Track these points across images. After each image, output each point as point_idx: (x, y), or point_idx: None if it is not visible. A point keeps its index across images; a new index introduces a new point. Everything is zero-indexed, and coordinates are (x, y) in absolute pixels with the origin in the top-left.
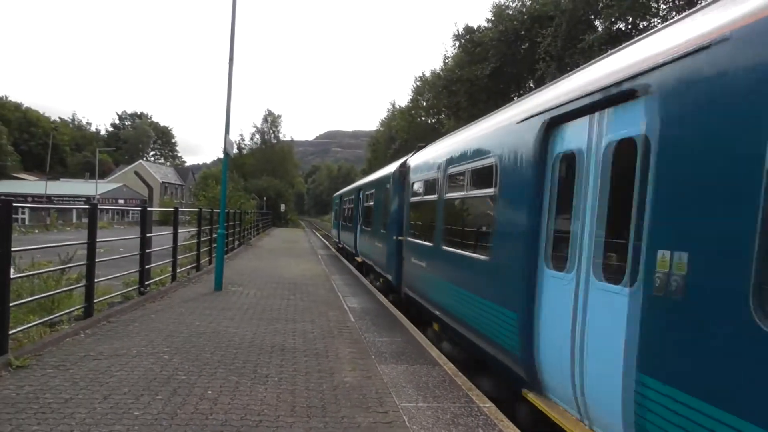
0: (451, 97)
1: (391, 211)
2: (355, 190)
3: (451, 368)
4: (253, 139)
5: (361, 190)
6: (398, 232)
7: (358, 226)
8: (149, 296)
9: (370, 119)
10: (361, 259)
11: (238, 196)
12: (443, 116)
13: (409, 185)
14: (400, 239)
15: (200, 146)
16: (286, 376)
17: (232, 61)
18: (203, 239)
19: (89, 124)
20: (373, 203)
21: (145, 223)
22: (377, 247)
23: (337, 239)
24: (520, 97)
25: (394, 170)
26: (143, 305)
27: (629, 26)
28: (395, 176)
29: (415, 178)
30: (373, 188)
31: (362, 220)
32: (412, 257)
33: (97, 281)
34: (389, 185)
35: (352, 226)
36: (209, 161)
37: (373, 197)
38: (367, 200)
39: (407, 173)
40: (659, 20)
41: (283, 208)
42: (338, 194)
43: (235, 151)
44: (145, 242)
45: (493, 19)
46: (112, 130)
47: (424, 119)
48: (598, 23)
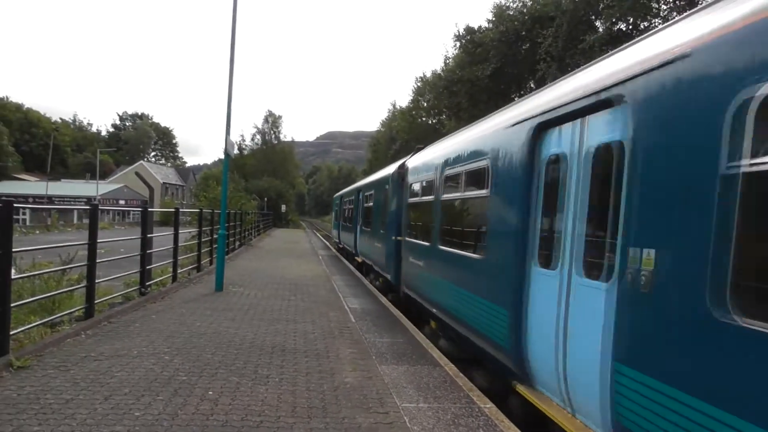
0: (451, 97)
1: (390, 211)
2: (354, 191)
3: (452, 369)
4: (253, 139)
5: (360, 191)
6: (397, 232)
7: (358, 226)
8: (150, 297)
9: (370, 120)
10: (361, 259)
11: (238, 196)
12: (444, 117)
13: (407, 186)
14: (398, 239)
15: (201, 147)
16: (286, 376)
17: (232, 61)
18: (204, 240)
19: (90, 124)
20: (372, 204)
21: (145, 223)
22: (377, 247)
23: (337, 239)
24: (521, 97)
25: (392, 171)
26: (144, 306)
27: (630, 27)
28: (394, 177)
29: (413, 179)
30: (372, 189)
31: (362, 220)
32: (410, 257)
33: (97, 282)
34: (388, 186)
35: (352, 226)
36: (210, 162)
37: (372, 198)
38: (366, 201)
39: (405, 174)
40: (660, 20)
41: (283, 208)
42: (338, 195)
43: (235, 151)
44: (145, 243)
45: (493, 19)
46: (112, 130)
47: (424, 120)
48: (598, 24)
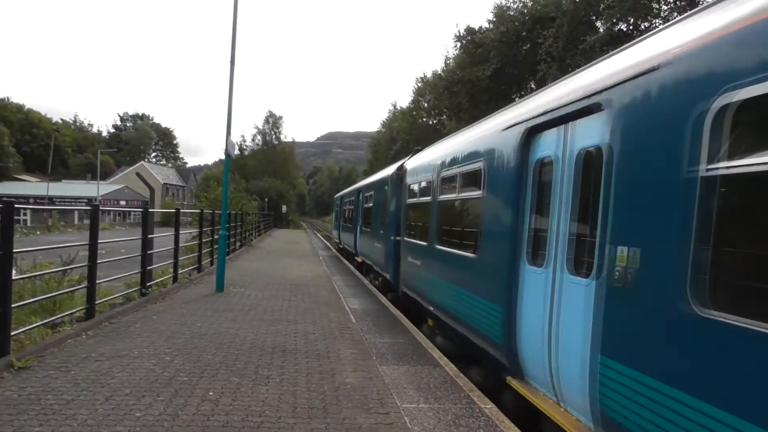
0: (452, 98)
1: (389, 212)
2: (355, 191)
3: (452, 369)
4: (254, 140)
5: (360, 191)
6: (396, 232)
7: (357, 226)
8: (151, 297)
9: (371, 120)
10: (360, 259)
11: (239, 197)
12: (444, 117)
13: (405, 187)
14: (397, 239)
15: (202, 147)
16: (287, 377)
17: (233, 62)
18: (205, 240)
19: (91, 125)
20: (372, 204)
21: (146, 224)
22: (376, 247)
23: (337, 240)
24: (521, 98)
25: (391, 173)
26: (145, 306)
27: (631, 27)
28: (393, 179)
29: (411, 180)
30: (372, 190)
31: (362, 221)
32: (408, 256)
33: (98, 282)
34: (387, 187)
35: (352, 226)
36: (211, 162)
37: (372, 199)
38: (366, 202)
39: (404, 176)
40: (661, 21)
41: (284, 209)
42: (339, 196)
43: (236, 152)
44: (146, 243)
45: (494, 20)
46: (113, 131)
47: (425, 120)
48: (599, 24)
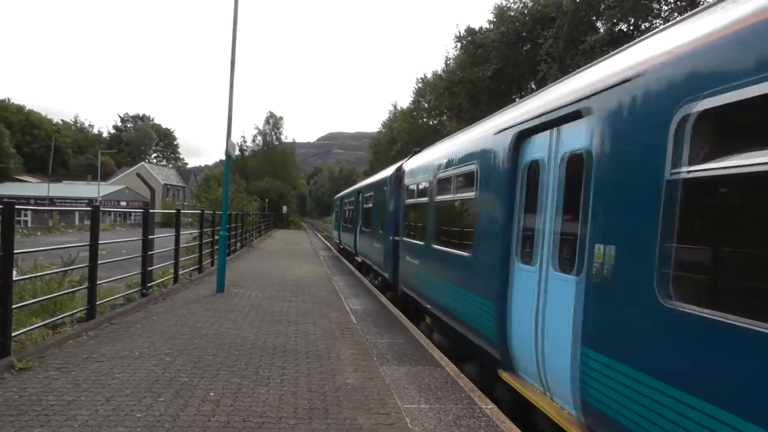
0: (452, 98)
1: (388, 212)
2: (354, 192)
3: (453, 369)
4: (255, 140)
5: (360, 192)
6: (395, 232)
7: (357, 227)
8: (151, 298)
9: (371, 121)
10: (360, 259)
11: (240, 197)
12: (445, 118)
13: (404, 188)
14: (396, 239)
15: (202, 148)
16: (288, 377)
17: (233, 63)
18: (205, 241)
19: (91, 126)
20: (371, 205)
21: (147, 225)
22: (375, 247)
23: (338, 240)
24: (521, 98)
25: (390, 174)
26: (145, 307)
27: (631, 27)
28: (392, 180)
29: (409, 181)
30: (371, 191)
31: (362, 221)
32: (407, 256)
33: (99, 283)
34: (386, 188)
35: (352, 227)
36: (211, 163)
37: (371, 199)
38: (366, 202)
39: (403, 177)
40: (661, 21)
41: (284, 209)
42: (339, 196)
43: (237, 152)
44: (147, 244)
45: (494, 20)
46: (114, 132)
47: (425, 121)
48: (599, 24)
